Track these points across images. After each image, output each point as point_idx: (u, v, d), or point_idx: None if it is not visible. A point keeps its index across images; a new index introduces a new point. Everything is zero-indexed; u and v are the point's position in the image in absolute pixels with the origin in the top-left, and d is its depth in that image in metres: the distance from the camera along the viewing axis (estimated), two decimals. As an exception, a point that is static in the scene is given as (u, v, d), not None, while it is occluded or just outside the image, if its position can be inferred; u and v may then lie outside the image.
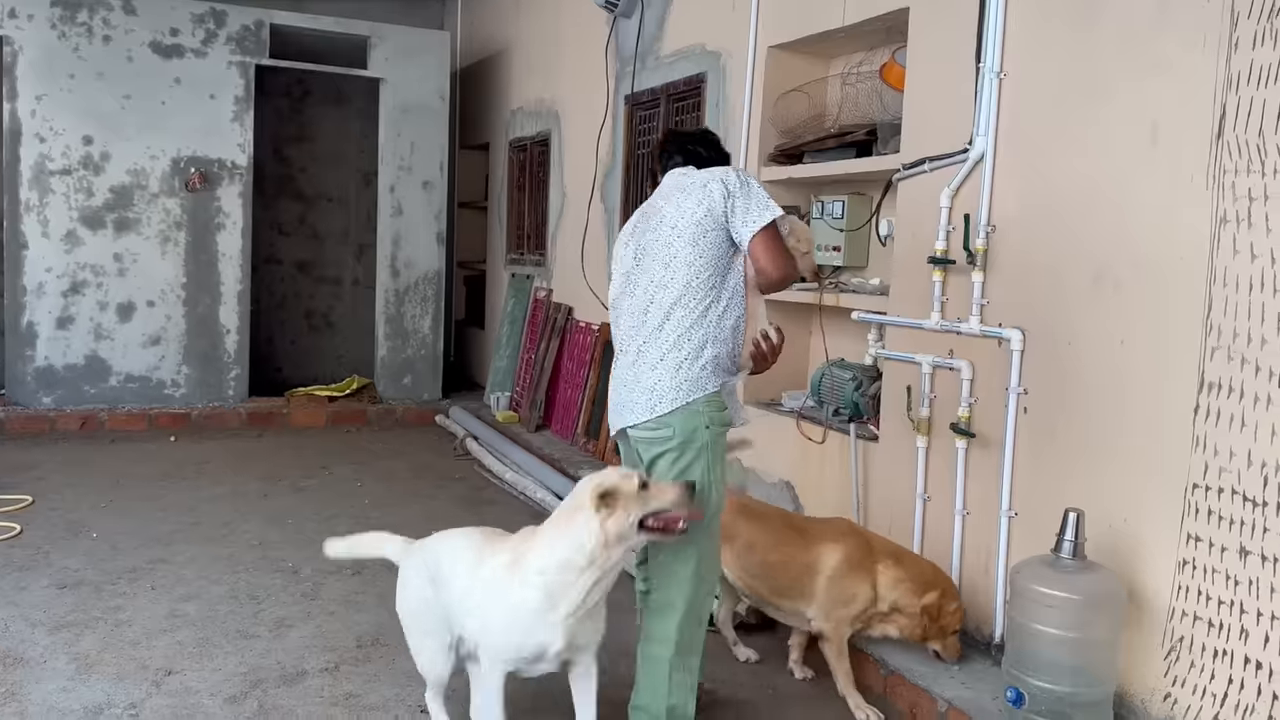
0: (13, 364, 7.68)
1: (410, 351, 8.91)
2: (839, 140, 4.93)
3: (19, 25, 7.43)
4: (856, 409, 4.75)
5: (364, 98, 9.11)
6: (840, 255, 5.06)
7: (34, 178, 7.55)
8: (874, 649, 3.90)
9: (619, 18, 6.82)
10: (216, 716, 3.41)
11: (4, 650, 3.81)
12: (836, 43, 5.10)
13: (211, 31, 7.97)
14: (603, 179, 7.16)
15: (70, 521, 5.40)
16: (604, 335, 7.01)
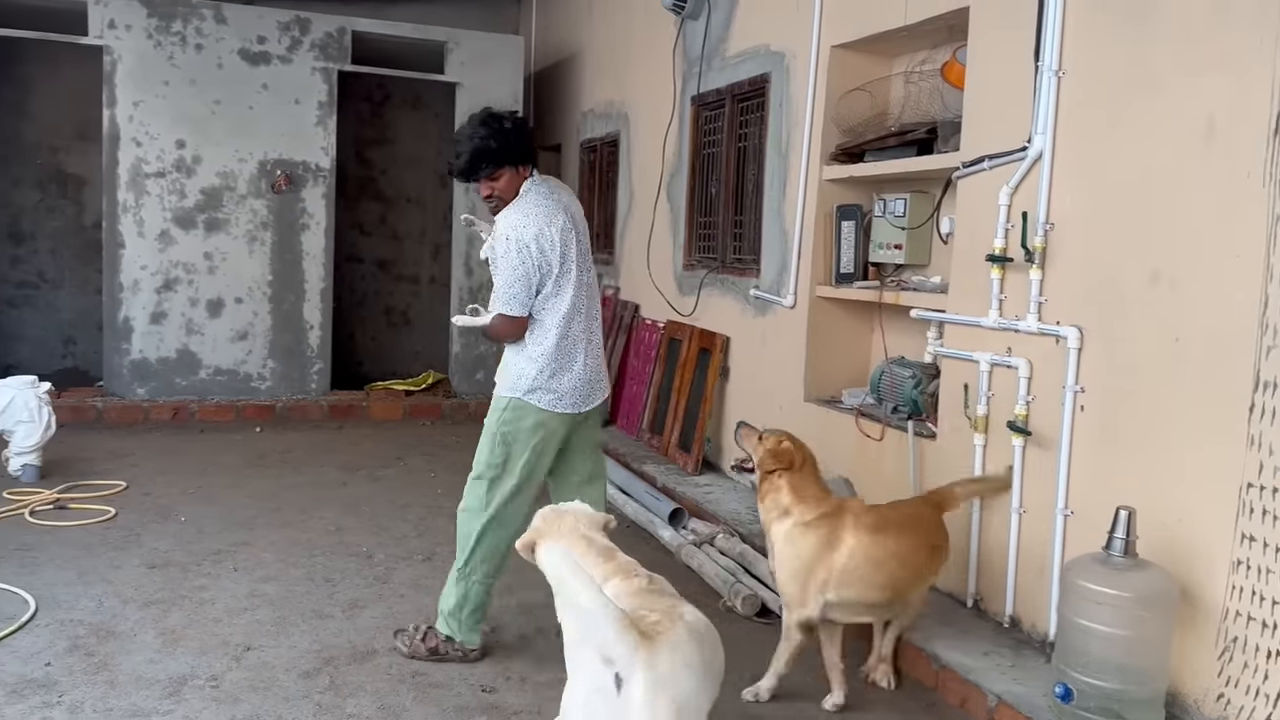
0: (110, 357, 8.09)
1: (483, 348, 9.11)
2: (900, 139, 4.96)
3: (118, 35, 7.83)
4: (915, 406, 4.77)
5: (441, 101, 9.36)
6: (902, 253, 5.08)
7: (131, 180, 7.94)
8: (925, 643, 3.94)
9: (686, 20, 6.92)
10: (290, 690, 3.61)
11: (98, 624, 4.07)
12: (899, 41, 5.13)
13: (297, 39, 8.28)
14: (669, 179, 7.27)
15: (161, 506, 5.71)
16: (669, 332, 7.12)
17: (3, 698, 3.42)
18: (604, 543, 2.88)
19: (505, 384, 3.85)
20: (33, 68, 8.73)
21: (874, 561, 3.53)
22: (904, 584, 3.61)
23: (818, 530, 3.55)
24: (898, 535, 3.60)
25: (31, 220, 8.97)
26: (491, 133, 3.71)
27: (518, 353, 3.81)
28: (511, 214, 3.74)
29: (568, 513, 2.98)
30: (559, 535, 2.85)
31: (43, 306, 9.06)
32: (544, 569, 2.77)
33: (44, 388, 6.07)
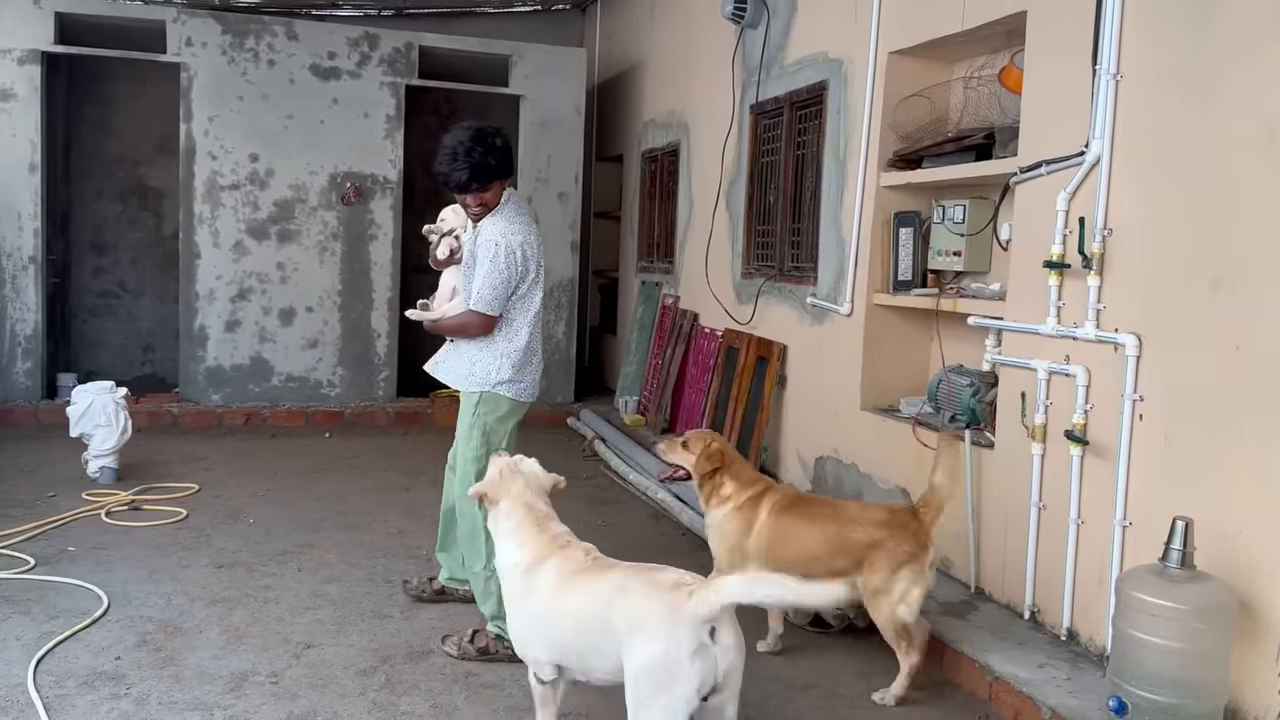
0: (186, 364, 8.36)
1: (545, 356, 9.20)
2: (958, 144, 4.92)
3: (194, 52, 8.11)
4: (973, 415, 4.72)
5: (506, 113, 9.48)
6: (961, 260, 5.03)
7: (206, 192, 8.21)
8: (980, 655, 3.89)
9: (745, 28, 6.93)
10: (347, 687, 3.70)
11: (166, 620, 4.22)
12: (957, 47, 5.09)
13: (366, 54, 8.49)
14: (727, 188, 7.28)
15: (231, 508, 5.88)
16: (727, 341, 7.13)
17: (75, 688, 3.56)
18: (544, 510, 3.24)
19: (474, 379, 4.11)
20: (115, 85, 9.09)
21: (779, 539, 3.92)
22: (810, 567, 3.75)
23: (745, 511, 4.00)
24: (807, 522, 3.94)
25: (113, 231, 9.33)
26: (488, 150, 3.96)
27: (484, 348, 4.09)
28: (499, 222, 4.02)
29: (519, 474, 3.31)
30: (508, 495, 3.23)
31: (123, 315, 9.41)
32: (491, 523, 3.27)
33: (121, 393, 6.31)
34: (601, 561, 3.04)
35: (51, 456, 6.75)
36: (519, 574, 3.10)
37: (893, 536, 3.78)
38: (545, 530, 3.16)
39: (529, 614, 3.06)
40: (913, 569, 3.74)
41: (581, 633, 2.93)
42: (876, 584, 3.78)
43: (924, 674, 4.00)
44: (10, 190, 7.87)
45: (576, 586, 2.96)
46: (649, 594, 2.76)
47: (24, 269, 7.95)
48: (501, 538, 3.21)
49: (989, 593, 4.52)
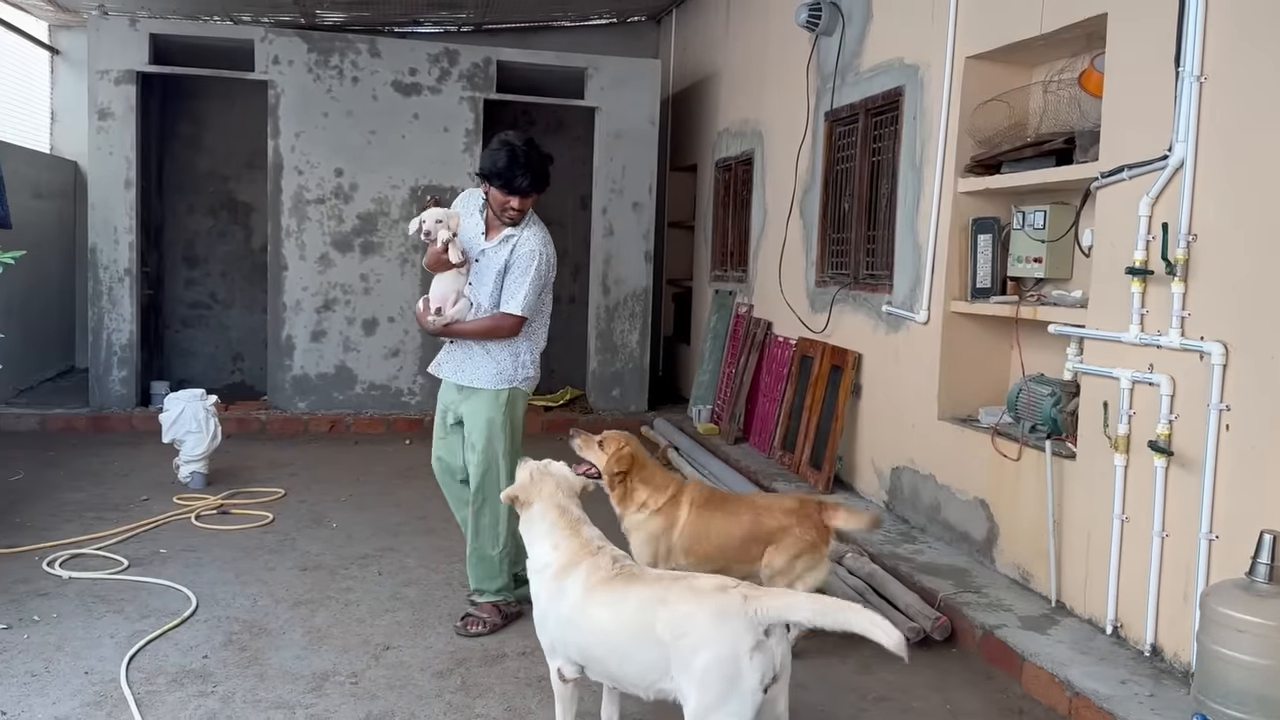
0: (274, 373, 8.62)
1: (619, 365, 9.29)
2: (1037, 149, 4.83)
3: (281, 71, 8.37)
4: (1054, 425, 4.62)
5: (581, 125, 9.62)
6: (1042, 267, 4.94)
7: (293, 206, 8.46)
8: (1060, 670, 3.81)
9: (820, 36, 6.91)
10: (424, 689, 3.78)
11: (251, 621, 4.35)
12: (1037, 50, 5.01)
13: (445, 70, 8.67)
14: (801, 196, 7.25)
15: (315, 513, 6.05)
16: (801, 350, 7.09)
17: (164, 685, 3.70)
18: (576, 513, 3.30)
19: (502, 376, 4.30)
20: (206, 103, 9.44)
21: (701, 534, 4.06)
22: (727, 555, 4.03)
23: (666, 511, 4.10)
24: (725, 515, 4.11)
25: (204, 245, 9.68)
26: (545, 160, 4.21)
27: (507, 347, 4.30)
28: (537, 232, 4.29)
29: (550, 476, 3.39)
30: (540, 497, 3.30)
31: (214, 325, 9.75)
32: (524, 525, 3.33)
33: (211, 400, 6.53)
34: (628, 570, 3.07)
35: (145, 461, 7.02)
36: (550, 576, 3.15)
37: (799, 524, 4.05)
38: (578, 534, 3.20)
39: (558, 616, 3.09)
40: (812, 556, 4.04)
41: (610, 643, 2.97)
42: (779, 565, 4.02)
43: (1002, 689, 3.95)
44: (108, 205, 8.22)
45: (605, 596, 2.98)
46: (694, 600, 2.80)
47: (120, 281, 8.28)
48: (534, 539, 3.26)
49: (1070, 606, 4.42)
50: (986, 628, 4.24)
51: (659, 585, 2.92)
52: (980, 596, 4.59)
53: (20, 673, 3.74)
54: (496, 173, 4.10)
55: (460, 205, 4.45)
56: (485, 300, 4.29)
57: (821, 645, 4.29)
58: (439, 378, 4.50)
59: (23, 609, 4.35)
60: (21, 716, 3.43)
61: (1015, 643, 4.08)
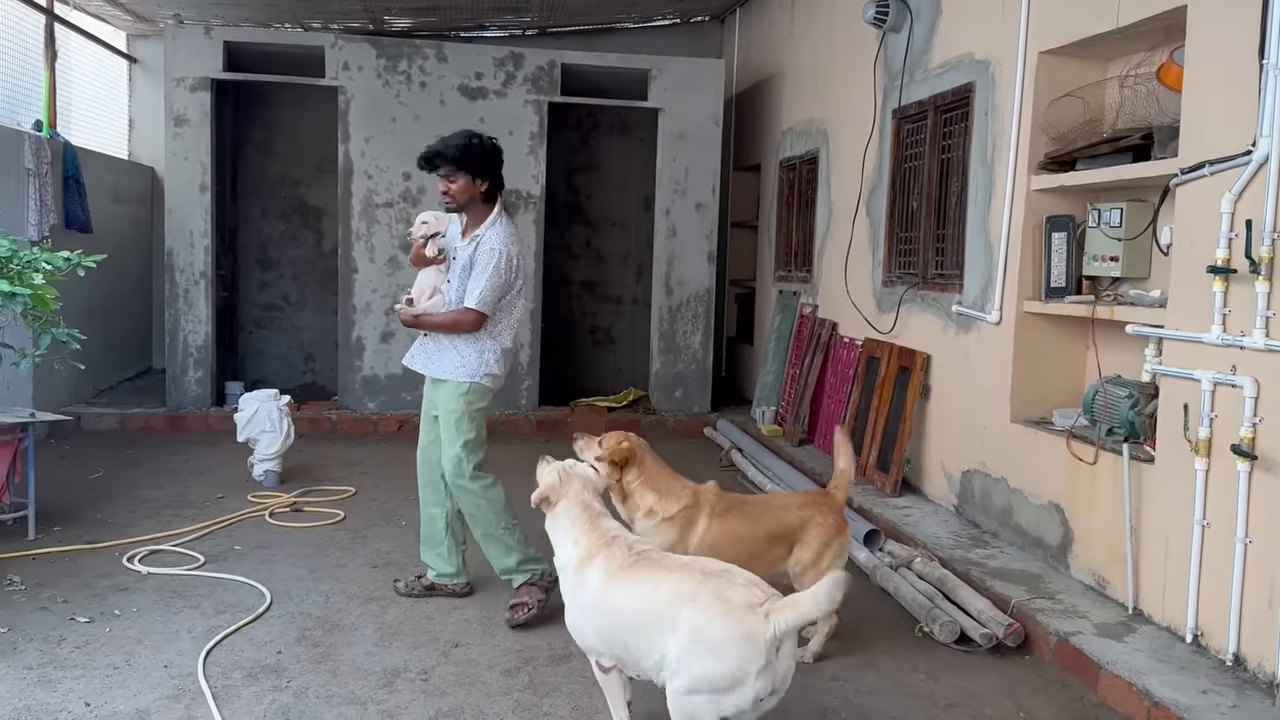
0: (344, 373, 8.77)
1: (681, 366, 9.28)
2: (1114, 145, 4.72)
3: (351, 76, 8.52)
4: (1132, 428, 4.50)
5: (645, 127, 9.63)
6: (1118, 265, 4.83)
7: (363, 210, 8.60)
8: (1137, 679, 3.71)
9: (887, 33, 6.83)
10: (493, 687, 3.81)
11: (324, 617, 4.43)
12: (1112, 44, 4.89)
13: (511, 74, 8.74)
14: (868, 195, 7.17)
15: (385, 511, 6.14)
16: (867, 350, 7.02)
17: (240, 680, 3.78)
18: (597, 508, 3.42)
19: (462, 368, 4.49)
20: (277, 109, 9.64)
21: (724, 541, 3.98)
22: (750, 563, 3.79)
23: (679, 521, 4.04)
24: (748, 521, 4.08)
25: (277, 248, 9.88)
26: (465, 143, 4.42)
27: (472, 343, 4.49)
28: (500, 232, 4.45)
29: (576, 476, 3.50)
30: (565, 496, 3.42)
31: (286, 327, 9.95)
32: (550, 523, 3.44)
33: (284, 400, 6.67)
34: (648, 556, 3.18)
35: (220, 460, 7.19)
36: (572, 569, 3.30)
37: (819, 513, 4.09)
38: (597, 528, 3.33)
39: (581, 606, 3.25)
40: (839, 542, 4.09)
41: (632, 628, 3.07)
42: (808, 559, 4.05)
43: (1077, 697, 3.87)
44: (184, 210, 8.44)
45: (628, 582, 3.11)
46: (723, 612, 2.87)
47: (196, 284, 8.49)
48: (558, 536, 3.41)
49: (1148, 614, 4.30)
50: (1061, 634, 4.15)
51: (691, 580, 2.99)
52: (1054, 603, 4.49)
53: (103, 665, 3.85)
54: (427, 152, 4.46)
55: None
56: (454, 295, 4.55)
57: (891, 651, 4.26)
58: (413, 367, 4.73)
59: (104, 603, 4.48)
60: (104, 708, 3.53)
61: (1091, 650, 3.99)
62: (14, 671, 3.76)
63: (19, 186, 7.31)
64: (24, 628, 4.16)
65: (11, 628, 4.15)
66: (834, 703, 3.81)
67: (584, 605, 3.22)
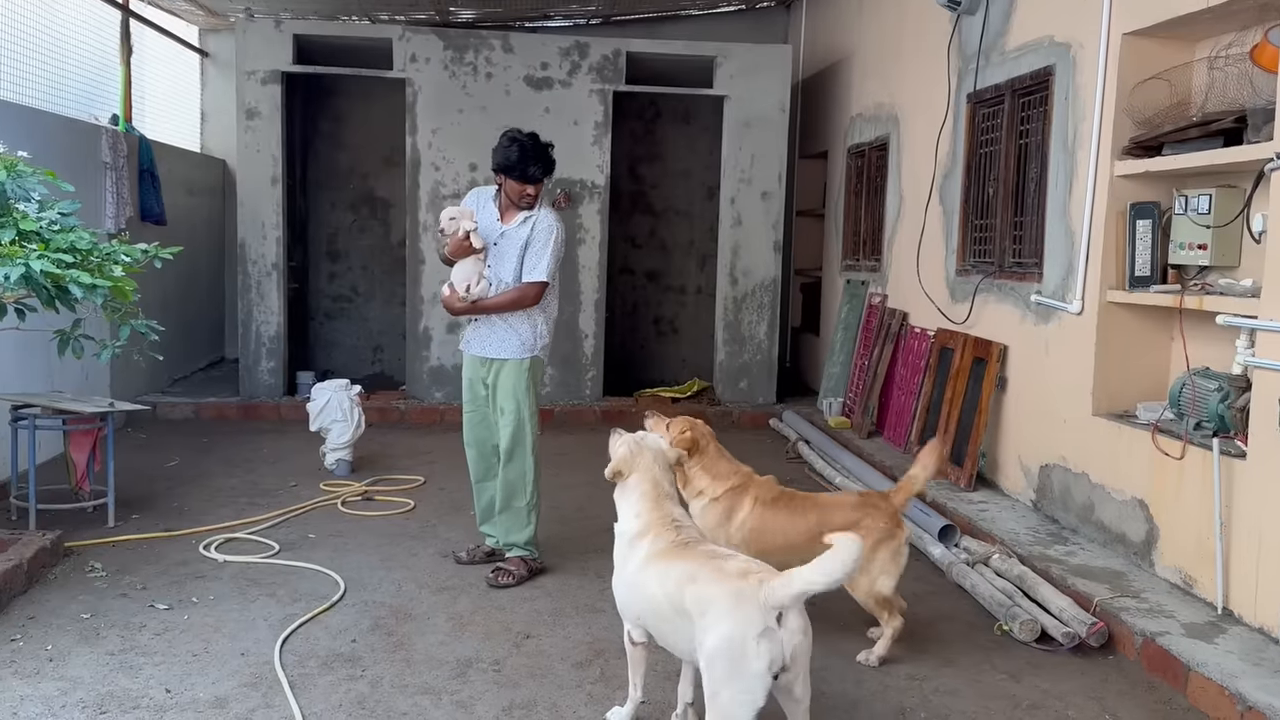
0: (412, 363, 8.84)
1: (746, 357, 9.19)
2: (1203, 129, 4.55)
3: (418, 68, 8.56)
4: (1222, 422, 4.34)
5: (709, 114, 9.54)
6: (1207, 254, 4.66)
7: (430, 201, 8.65)
8: (1230, 682, 3.57)
9: (962, 15, 6.67)
10: (565, 679, 3.80)
11: (397, 606, 4.46)
12: (1202, 25, 4.70)
13: (576, 63, 8.72)
14: (941, 181, 7.02)
15: (454, 500, 6.17)
16: (940, 341, 6.87)
17: (316, 669, 3.81)
18: (666, 488, 3.45)
19: (522, 346, 4.79)
20: (346, 101, 9.73)
21: (763, 530, 4.05)
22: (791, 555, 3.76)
23: (723, 502, 4.12)
24: (791, 514, 4.08)
25: (346, 239, 9.99)
26: (550, 149, 4.74)
27: (526, 320, 4.80)
28: (550, 213, 4.82)
29: (648, 449, 3.52)
30: (637, 469, 3.44)
31: (355, 317, 10.06)
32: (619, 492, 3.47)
33: (355, 390, 6.73)
34: (684, 543, 3.22)
35: (292, 449, 7.29)
36: (626, 541, 3.37)
37: (868, 516, 3.99)
38: (660, 507, 3.36)
39: (624, 579, 3.34)
40: (889, 546, 3.97)
41: (656, 612, 3.17)
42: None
43: (1165, 700, 3.75)
44: (256, 202, 8.56)
45: (658, 566, 3.17)
46: (717, 580, 2.95)
47: (268, 275, 8.62)
48: (624, 505, 3.46)
49: (1238, 614, 4.15)
50: (1147, 635, 4.02)
51: (695, 561, 3.08)
52: (1139, 601, 4.35)
53: (183, 653, 3.91)
54: (511, 165, 4.64)
55: (472, 202, 4.92)
56: (508, 276, 4.77)
57: (969, 649, 4.17)
58: (469, 354, 4.97)
59: (182, 591, 4.55)
60: (184, 694, 3.58)
61: (1179, 651, 3.85)
62: (97, 657, 3.83)
63: (96, 180, 7.47)
64: (106, 614, 4.24)
65: (94, 613, 4.24)
66: (911, 701, 3.73)
67: (626, 578, 3.32)
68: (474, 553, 5.05)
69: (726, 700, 2.83)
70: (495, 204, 4.85)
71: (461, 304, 4.75)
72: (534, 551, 4.91)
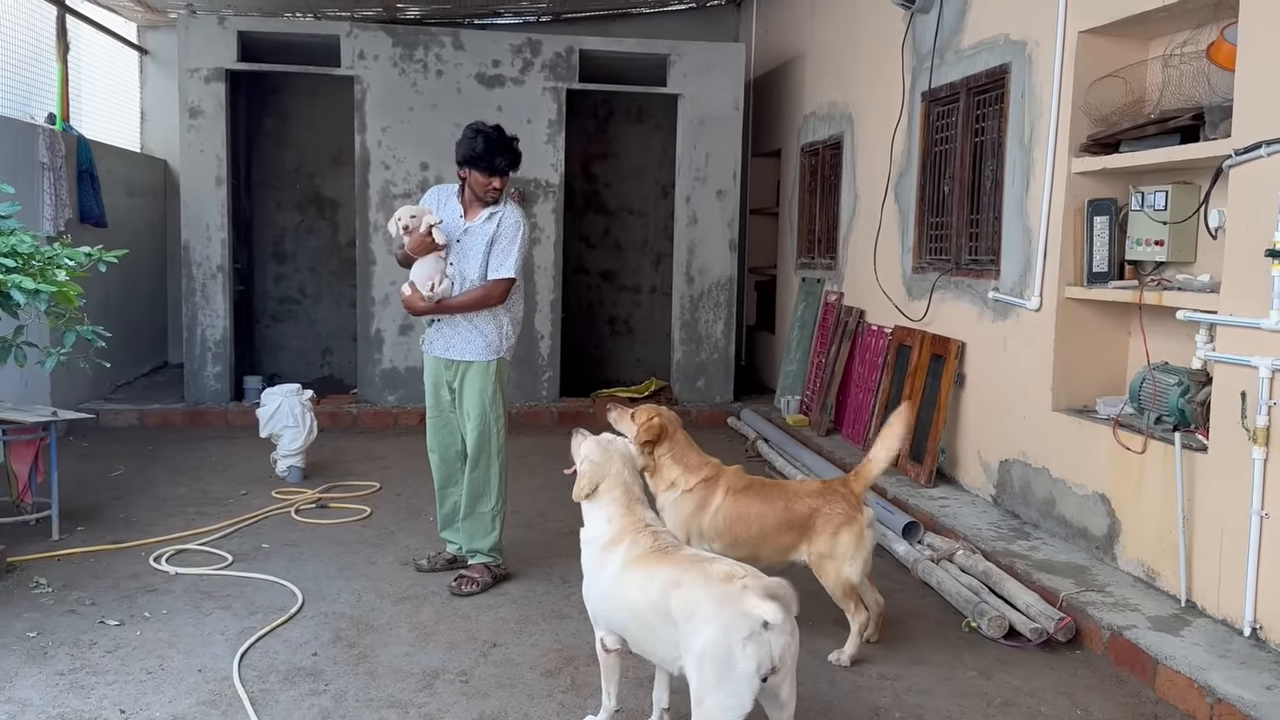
0: (363, 366, 8.67)
1: (703, 355, 9.17)
2: (1160, 127, 4.60)
3: (367, 65, 8.40)
4: (1182, 416, 4.40)
5: (663, 113, 9.50)
6: (1164, 250, 4.71)
7: (380, 201, 8.49)
8: (1198, 675, 3.60)
9: (916, 14, 6.69)
10: (535, 688, 3.72)
11: (358, 617, 4.34)
12: (1156, 23, 4.76)
13: (528, 61, 8.61)
14: (896, 179, 7.04)
15: (411, 506, 6.05)
16: (897, 338, 6.90)
17: (277, 684, 3.69)
18: (637, 492, 3.41)
19: (488, 348, 4.67)
20: (292, 99, 9.52)
21: (736, 519, 4.04)
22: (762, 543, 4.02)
23: (697, 493, 4.09)
24: (762, 501, 4.06)
25: (293, 240, 9.78)
26: (515, 142, 4.63)
27: (491, 321, 4.67)
28: (516, 211, 4.72)
29: (615, 454, 3.46)
30: (608, 475, 3.38)
31: (303, 320, 9.85)
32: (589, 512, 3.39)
33: (307, 395, 6.58)
34: (663, 548, 3.18)
35: (241, 455, 7.11)
36: (598, 549, 3.30)
37: (828, 503, 4.00)
38: (633, 512, 3.32)
39: (599, 588, 3.27)
40: (851, 530, 3.95)
41: (637, 619, 3.11)
42: (821, 549, 3.97)
43: (1134, 694, 3.78)
44: (200, 203, 8.34)
45: (638, 572, 3.12)
46: (703, 584, 2.92)
47: (213, 277, 8.40)
48: (593, 512, 3.39)
49: (1202, 606, 4.20)
50: (1114, 629, 4.05)
51: (679, 567, 3.04)
52: (1104, 595, 4.39)
53: (136, 670, 3.76)
54: (477, 157, 4.54)
55: (431, 199, 4.82)
56: (474, 274, 4.64)
57: (939, 647, 4.16)
58: (431, 355, 4.83)
59: (133, 605, 4.39)
60: (140, 714, 3.44)
61: (1147, 645, 3.88)
62: (46, 678, 3.68)
63: (34, 181, 7.22)
64: (53, 631, 4.08)
65: (41, 631, 4.07)
66: (884, 701, 3.71)
67: (602, 586, 3.26)
68: (435, 560, 4.95)
69: (713, 705, 2.79)
70: (458, 200, 4.74)
71: (425, 304, 4.61)
72: (498, 558, 4.83)
